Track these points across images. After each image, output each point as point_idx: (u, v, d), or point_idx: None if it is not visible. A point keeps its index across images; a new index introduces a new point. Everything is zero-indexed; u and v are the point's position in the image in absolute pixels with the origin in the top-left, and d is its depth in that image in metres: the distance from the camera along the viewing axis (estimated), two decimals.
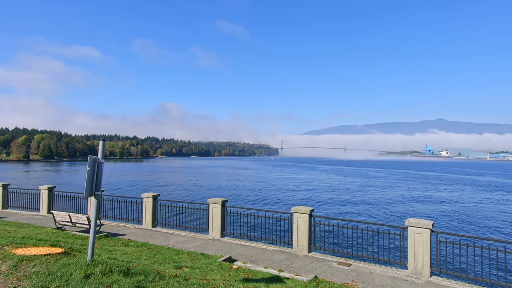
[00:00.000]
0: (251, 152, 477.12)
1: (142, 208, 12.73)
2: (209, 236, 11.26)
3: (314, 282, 7.01)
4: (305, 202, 32.41)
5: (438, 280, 7.61)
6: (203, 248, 9.88)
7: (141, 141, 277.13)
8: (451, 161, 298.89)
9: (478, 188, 48.81)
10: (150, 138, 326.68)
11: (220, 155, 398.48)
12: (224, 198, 11.40)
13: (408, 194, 39.78)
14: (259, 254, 9.40)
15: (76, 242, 8.56)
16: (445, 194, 40.28)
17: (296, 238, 9.68)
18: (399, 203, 31.94)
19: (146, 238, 11.06)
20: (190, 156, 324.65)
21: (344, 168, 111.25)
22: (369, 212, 26.96)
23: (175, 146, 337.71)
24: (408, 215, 25.47)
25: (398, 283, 7.45)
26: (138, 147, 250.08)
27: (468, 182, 60.84)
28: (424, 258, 7.81)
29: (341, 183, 54.96)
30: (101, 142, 5.08)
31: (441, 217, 25.06)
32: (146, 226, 12.60)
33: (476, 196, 38.85)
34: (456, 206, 30.78)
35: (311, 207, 9.74)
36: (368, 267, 8.44)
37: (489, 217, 25.53)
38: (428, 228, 7.82)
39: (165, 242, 10.57)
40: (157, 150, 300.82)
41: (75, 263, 5.08)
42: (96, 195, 5.04)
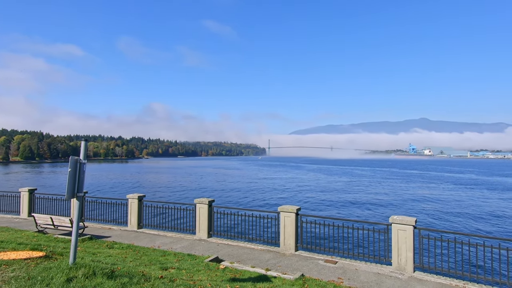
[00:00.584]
0: (238, 152, 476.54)
1: (127, 209, 12.52)
2: (196, 237, 11.18)
3: (301, 280, 7.06)
4: (291, 201, 32.61)
5: (421, 275, 7.80)
6: (190, 249, 9.80)
7: (126, 141, 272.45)
8: (434, 159, 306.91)
9: (459, 186, 50.30)
10: (136, 138, 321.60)
11: (207, 155, 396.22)
12: (211, 198, 11.34)
13: (392, 192, 40.61)
14: (246, 254, 9.40)
15: (58, 245, 8.34)
16: (427, 192, 41.33)
17: (283, 237, 9.72)
18: (383, 201, 32.55)
19: (131, 239, 10.88)
20: (176, 157, 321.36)
21: (330, 167, 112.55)
22: (354, 210, 27.37)
23: (161, 146, 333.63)
24: (392, 212, 25.99)
25: (382, 279, 7.59)
26: (123, 147, 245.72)
27: (449, 179, 62.62)
28: (408, 254, 7.99)
29: (327, 182, 55.57)
30: (83, 143, 4.96)
31: (423, 214, 25.69)
32: (131, 228, 12.40)
33: (457, 193, 40.02)
34: (437, 203, 31.62)
35: (298, 206, 9.80)
36: (354, 264, 8.57)
37: (469, 213, 26.34)
38: (411, 225, 8.00)
39: (151, 243, 10.43)
40: (143, 151, 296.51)
41: (57, 267, 4.95)
42: (78, 197, 4.92)
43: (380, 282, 7.40)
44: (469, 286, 7.17)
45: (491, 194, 39.52)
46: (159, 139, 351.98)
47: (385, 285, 7.24)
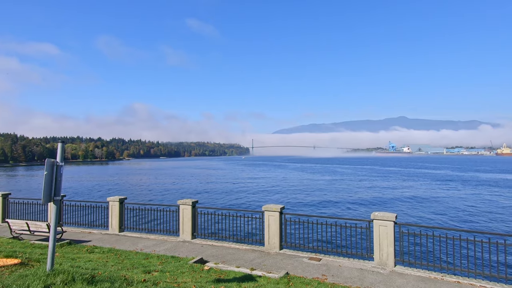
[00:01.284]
0: (222, 152, 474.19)
1: (108, 212, 12.21)
2: (179, 238, 11.03)
3: (286, 279, 7.11)
4: (275, 200, 32.78)
5: (402, 269, 8.02)
6: (173, 251, 9.67)
7: (106, 142, 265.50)
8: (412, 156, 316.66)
9: (435, 182, 52.10)
10: (116, 139, 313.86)
11: (190, 155, 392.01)
12: (195, 199, 11.22)
13: (373, 189, 41.56)
14: (231, 254, 9.37)
15: (35, 251, 8.03)
16: (406, 188, 42.57)
17: (268, 236, 9.75)
18: (365, 198, 33.26)
19: (112, 243, 10.62)
20: (159, 157, 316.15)
21: (313, 166, 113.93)
22: (337, 207, 27.82)
23: (142, 147, 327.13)
24: (373, 208, 26.60)
25: (365, 274, 7.75)
26: (103, 149, 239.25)
27: (427, 176, 64.75)
28: (389, 249, 8.20)
29: (310, 180, 56.21)
30: (59, 144, 4.79)
31: (403, 210, 26.43)
32: (112, 231, 12.10)
33: (433, 189, 41.44)
34: (416, 199, 32.62)
35: (282, 205, 9.86)
36: (337, 260, 8.70)
37: (445, 208, 27.32)
38: (391, 220, 8.21)
39: (133, 246, 10.21)
40: (124, 152, 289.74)
41: (33, 274, 4.76)
42: (55, 201, 4.75)
43: (362, 277, 7.56)
44: (447, 277, 7.44)
45: (465, 189, 41.16)
46: (140, 140, 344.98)
47: (367, 280, 7.40)
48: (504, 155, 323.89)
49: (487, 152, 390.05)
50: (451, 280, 7.30)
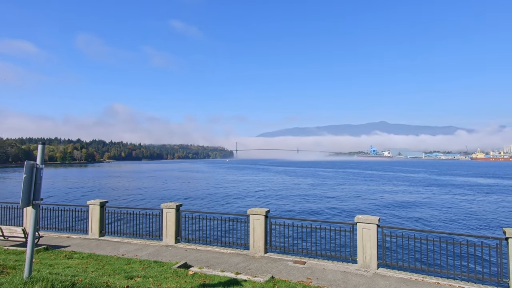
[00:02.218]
0: (206, 155, 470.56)
1: (88, 216, 11.83)
2: (162, 243, 10.83)
3: (271, 282, 7.09)
4: (260, 203, 32.77)
5: (384, 271, 8.17)
6: (156, 256, 9.47)
7: (85, 144, 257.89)
8: (392, 160, 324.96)
9: (414, 185, 53.60)
10: (96, 141, 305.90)
11: (173, 158, 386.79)
12: (179, 203, 11.05)
13: (355, 192, 42.29)
14: (216, 258, 9.27)
15: (10, 258, 7.67)
16: (387, 191, 43.56)
17: (253, 239, 9.72)
18: (348, 201, 33.78)
19: (92, 248, 10.29)
20: (141, 160, 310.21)
21: (296, 169, 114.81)
22: (321, 210, 28.11)
23: (124, 149, 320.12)
24: (357, 212, 27.04)
25: (348, 277, 7.85)
26: (83, 151, 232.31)
27: (406, 179, 66.54)
28: (372, 252, 8.34)
29: (294, 183, 56.59)
30: (40, 146, 4.61)
31: (385, 212, 27.01)
32: (92, 236, 11.73)
33: (414, 192, 42.61)
34: (397, 201, 33.42)
35: (267, 209, 9.86)
36: (322, 263, 8.77)
37: (425, 210, 28.12)
38: (374, 223, 8.37)
39: (114, 251, 9.93)
40: (104, 154, 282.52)
41: (9, 282, 4.53)
42: (34, 205, 4.55)
43: (346, 280, 7.65)
44: (427, 279, 7.63)
45: (442, 192, 42.55)
46: (122, 142, 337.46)
47: (351, 282, 7.49)
48: (478, 160, 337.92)
49: (462, 157, 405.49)
50: (431, 282, 7.50)
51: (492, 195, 39.80)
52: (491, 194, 41.34)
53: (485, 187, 49.99)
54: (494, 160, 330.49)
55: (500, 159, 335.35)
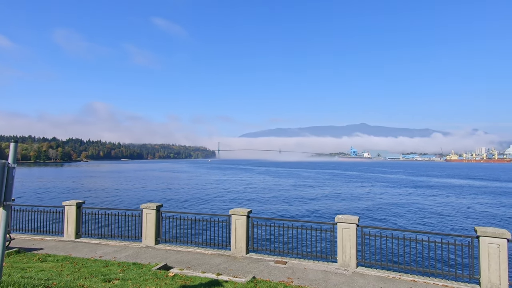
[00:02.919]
0: (187, 155, 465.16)
1: (64, 217, 11.42)
2: (142, 244, 10.60)
3: (252, 283, 7.09)
4: (242, 204, 32.73)
5: (363, 270, 8.35)
6: (135, 257, 9.26)
7: (62, 143, 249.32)
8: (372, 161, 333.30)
9: (392, 185, 55.15)
10: (73, 139, 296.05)
11: (154, 158, 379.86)
12: (159, 203, 10.86)
13: (336, 192, 43.01)
14: (197, 259, 9.17)
15: None
16: (366, 191, 44.59)
17: (234, 240, 9.69)
18: (329, 201, 34.30)
19: (68, 251, 9.94)
20: (120, 160, 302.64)
21: (278, 170, 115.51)
22: (302, 211, 28.39)
23: (102, 148, 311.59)
24: (337, 212, 27.50)
25: (329, 276, 7.96)
26: (59, 149, 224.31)
27: (384, 180, 68.36)
28: (351, 251, 8.50)
29: (275, 184, 56.89)
30: (12, 144, 4.40)
31: (364, 212, 27.61)
32: (68, 238, 11.33)
33: (391, 192, 43.83)
34: (375, 201, 34.27)
35: (249, 209, 9.86)
36: (303, 263, 8.85)
37: (402, 210, 28.97)
38: (354, 223, 8.53)
39: (91, 254, 9.64)
40: (82, 153, 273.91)
41: None
42: (5, 206, 4.34)
43: (327, 279, 7.75)
44: (404, 277, 7.86)
45: (418, 192, 44.01)
46: (100, 141, 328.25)
47: (331, 281, 7.60)
48: (452, 161, 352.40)
49: (438, 158, 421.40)
50: (407, 279, 7.73)
51: (464, 195, 41.53)
52: (463, 194, 43.13)
53: (457, 188, 52.09)
54: (467, 161, 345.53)
55: (472, 161, 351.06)
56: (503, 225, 23.33)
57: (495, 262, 7.13)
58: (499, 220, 25.28)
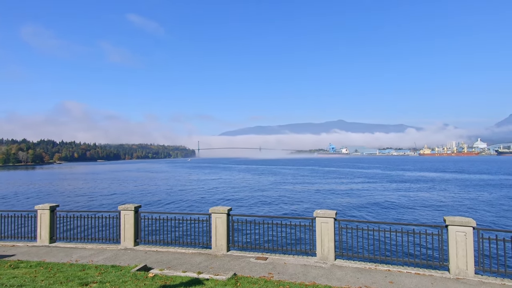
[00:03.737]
0: (167, 154, 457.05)
1: (37, 222, 11.00)
2: (120, 246, 10.40)
3: (233, 280, 7.16)
4: (222, 202, 32.67)
5: (341, 262, 8.61)
6: (114, 260, 9.08)
7: (32, 145, 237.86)
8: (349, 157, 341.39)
9: (368, 180, 56.82)
10: (45, 141, 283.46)
11: (131, 158, 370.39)
12: (137, 204, 10.69)
13: (314, 188, 43.80)
14: (177, 259, 9.12)
15: None
16: (344, 186, 45.71)
17: (215, 238, 9.71)
18: (308, 197, 34.88)
19: (42, 256, 9.60)
20: (96, 161, 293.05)
21: (258, 167, 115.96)
22: (282, 207, 28.73)
23: (77, 149, 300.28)
24: (316, 206, 28.04)
25: (308, 269, 8.16)
26: (29, 152, 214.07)
27: (361, 175, 70.31)
28: (330, 245, 8.74)
29: (255, 181, 57.14)
30: None
31: (342, 206, 28.31)
32: (41, 243, 10.92)
33: (367, 186, 45.17)
34: (352, 195, 35.22)
35: (229, 207, 9.90)
36: (283, 258, 9.01)
37: (377, 203, 29.95)
38: (332, 217, 8.77)
39: (67, 258, 9.35)
40: (54, 155, 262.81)
41: None
42: None
43: (306, 272, 7.94)
44: (379, 267, 8.19)
45: (392, 186, 45.63)
46: (74, 142, 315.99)
47: (310, 274, 7.80)
48: (425, 155, 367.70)
49: (412, 153, 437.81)
50: (383, 269, 8.06)
51: (435, 187, 43.50)
52: (434, 186, 45.16)
53: (429, 181, 54.42)
54: (439, 155, 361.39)
55: (444, 154, 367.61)
56: (470, 214, 24.66)
57: (462, 249, 7.57)
58: (466, 209, 26.69)
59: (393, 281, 7.28)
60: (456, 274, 7.57)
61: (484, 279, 7.40)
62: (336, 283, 7.24)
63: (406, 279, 7.43)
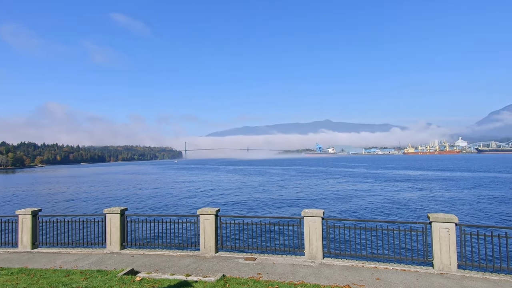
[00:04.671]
0: (153, 156, 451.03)
1: (18, 227, 10.65)
2: (106, 250, 10.20)
3: (222, 281, 7.13)
4: (210, 203, 32.48)
5: (329, 261, 8.71)
6: (99, 264, 8.90)
7: (12, 147, 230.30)
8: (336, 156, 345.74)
9: (354, 178, 57.68)
10: (26, 144, 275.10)
11: (117, 160, 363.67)
12: (123, 207, 10.51)
13: (302, 188, 44.10)
14: (165, 262, 9.01)
15: None
16: (330, 185, 46.22)
17: (203, 240, 9.64)
18: (295, 197, 35.09)
19: (24, 262, 9.30)
20: (79, 163, 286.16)
21: (246, 168, 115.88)
22: (270, 207, 28.80)
23: (59, 152, 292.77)
24: (303, 206, 28.23)
25: (297, 269, 8.21)
26: (9, 155, 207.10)
27: (346, 174, 71.28)
28: (318, 244, 8.83)
29: (243, 182, 57.08)
30: None
31: (329, 205, 28.62)
32: (23, 249, 10.59)
33: (353, 185, 45.84)
34: (339, 194, 35.64)
35: (217, 208, 9.85)
36: (271, 258, 9.03)
37: (363, 201, 30.42)
38: (319, 216, 8.86)
39: (50, 264, 9.10)
40: (36, 158, 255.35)
41: None
42: None
43: (295, 272, 7.99)
44: (366, 265, 8.32)
45: (377, 184, 46.46)
46: (57, 144, 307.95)
47: (299, 274, 7.85)
48: (409, 154, 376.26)
49: (396, 152, 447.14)
50: (369, 267, 8.19)
51: (418, 185, 44.54)
52: (418, 184, 46.24)
53: (413, 179, 55.68)
54: (422, 154, 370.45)
55: (427, 153, 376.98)
56: (452, 210, 25.37)
57: (446, 245, 7.78)
58: (448, 206, 27.44)
59: (380, 278, 7.41)
60: (440, 270, 7.77)
61: (466, 273, 7.63)
62: (324, 281, 7.31)
63: (392, 275, 7.58)
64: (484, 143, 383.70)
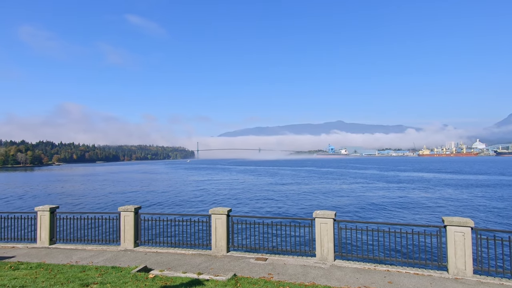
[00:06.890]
0: (166, 156, 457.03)
1: (36, 223, 11.02)
2: (120, 247, 10.43)
3: (233, 280, 7.19)
4: (222, 203, 32.69)
5: (341, 263, 8.65)
6: (114, 261, 9.11)
7: (31, 146, 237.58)
8: (349, 158, 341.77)
9: (367, 180, 56.87)
10: (44, 142, 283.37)
11: (130, 159, 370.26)
12: (137, 205, 10.72)
13: (314, 189, 43.82)
14: (177, 260, 9.15)
15: None
16: (343, 187, 45.75)
17: (215, 239, 9.74)
18: (307, 198, 34.91)
19: (42, 257, 9.62)
20: (95, 162, 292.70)
21: (257, 168, 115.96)
22: (282, 208, 28.75)
23: (76, 151, 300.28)
24: (315, 207, 28.07)
25: (308, 270, 8.20)
26: (28, 153, 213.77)
27: (360, 175, 70.37)
28: (329, 245, 8.79)
29: (255, 182, 57.16)
30: None
31: (341, 206, 28.35)
32: (41, 244, 10.94)
33: (366, 187, 45.22)
34: (351, 196, 35.25)
35: (229, 208, 9.94)
36: (282, 259, 9.05)
37: (377, 203, 29.99)
38: (331, 218, 8.82)
39: (67, 259, 9.38)
40: (53, 157, 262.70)
41: None
42: None
43: (306, 273, 7.98)
44: (378, 267, 8.23)
45: (391, 187, 45.68)
46: (73, 143, 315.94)
47: (310, 275, 7.83)
48: (424, 156, 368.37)
49: (411, 153, 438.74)
50: (382, 270, 8.10)
51: (433, 188, 43.56)
52: (433, 187, 45.22)
53: (427, 181, 54.49)
54: (438, 156, 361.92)
55: (443, 155, 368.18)
56: (468, 214, 24.72)
57: (461, 249, 7.62)
58: (464, 209, 26.75)
59: (392, 281, 7.32)
60: (455, 274, 7.61)
61: (482, 279, 7.45)
62: (335, 283, 7.27)
63: (405, 279, 7.48)
64: (503, 146, 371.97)
